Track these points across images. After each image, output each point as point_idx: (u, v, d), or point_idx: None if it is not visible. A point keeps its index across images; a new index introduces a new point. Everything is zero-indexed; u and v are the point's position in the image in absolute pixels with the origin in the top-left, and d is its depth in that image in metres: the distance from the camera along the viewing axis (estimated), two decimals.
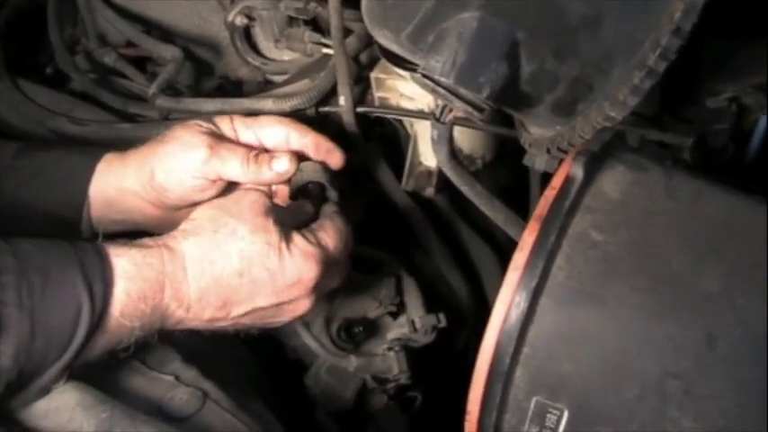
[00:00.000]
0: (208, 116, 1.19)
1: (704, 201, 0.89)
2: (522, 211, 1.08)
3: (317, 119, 1.34)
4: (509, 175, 1.45)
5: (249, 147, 1.15)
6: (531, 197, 1.34)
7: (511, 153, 1.42)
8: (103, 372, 0.90)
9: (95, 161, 1.13)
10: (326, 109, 1.34)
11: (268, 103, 1.30)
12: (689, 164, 1.22)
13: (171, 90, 1.40)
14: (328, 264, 1.05)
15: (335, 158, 1.19)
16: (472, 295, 1.40)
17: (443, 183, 1.35)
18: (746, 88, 1.21)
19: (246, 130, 1.17)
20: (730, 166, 1.21)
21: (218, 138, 1.13)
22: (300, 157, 1.17)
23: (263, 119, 1.18)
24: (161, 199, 1.13)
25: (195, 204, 1.11)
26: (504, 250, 1.42)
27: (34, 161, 1.13)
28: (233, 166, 1.12)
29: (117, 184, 1.13)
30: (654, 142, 1.27)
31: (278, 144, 1.18)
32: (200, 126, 1.14)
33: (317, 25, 1.39)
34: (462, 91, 0.83)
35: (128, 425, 0.85)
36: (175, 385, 0.97)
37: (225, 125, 1.16)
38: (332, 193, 1.16)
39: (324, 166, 1.17)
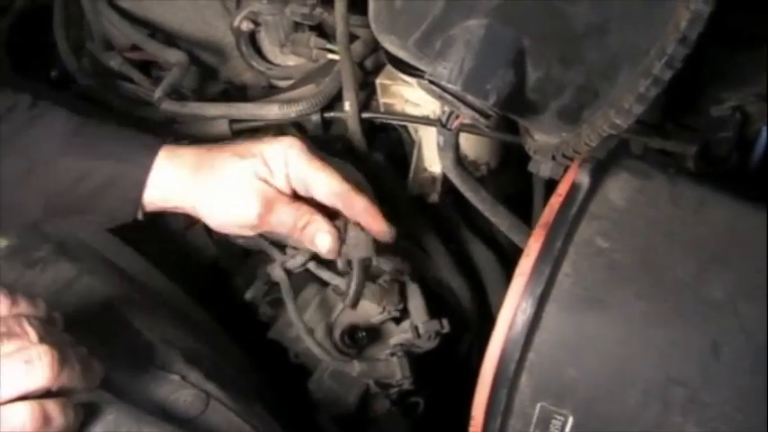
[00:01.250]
0: (259, 151, 1.12)
1: (708, 208, 0.89)
2: (525, 217, 1.08)
3: (321, 124, 1.34)
4: (512, 181, 1.46)
5: (297, 205, 1.12)
6: (535, 204, 1.34)
7: (514, 160, 1.43)
8: (110, 369, 0.90)
9: (151, 160, 1.11)
10: (331, 114, 1.34)
11: (273, 109, 1.31)
12: (692, 172, 1.23)
13: (176, 94, 1.40)
14: None
15: (384, 237, 1.16)
16: (475, 301, 1.40)
17: (448, 188, 1.35)
18: (750, 97, 1.22)
19: (298, 178, 1.12)
20: (734, 175, 1.22)
21: (271, 197, 1.10)
22: None
23: (319, 177, 1.11)
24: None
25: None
26: (507, 256, 1.42)
27: (89, 147, 1.11)
28: (279, 230, 1.13)
29: (167, 202, 1.12)
30: (656, 150, 1.27)
31: (328, 203, 1.14)
32: (253, 170, 1.10)
33: (322, 31, 1.39)
34: (469, 98, 0.84)
35: (133, 426, 0.86)
36: (181, 385, 0.97)
37: (277, 163, 1.11)
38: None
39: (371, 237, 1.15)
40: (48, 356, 0.80)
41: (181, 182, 1.10)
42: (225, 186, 1.09)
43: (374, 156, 1.38)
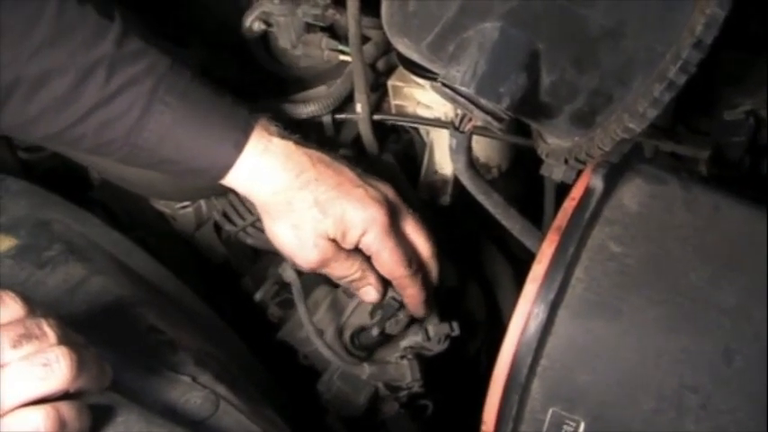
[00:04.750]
0: (342, 211, 1.11)
1: (722, 214, 0.89)
2: (535, 221, 1.08)
3: (333, 126, 1.34)
4: (522, 184, 1.45)
5: (351, 262, 1.15)
6: (546, 208, 1.34)
7: (524, 163, 1.42)
8: (120, 370, 0.90)
9: (239, 150, 1.11)
10: (343, 116, 1.34)
11: (284, 110, 1.31)
12: (705, 176, 1.22)
13: None
14: None
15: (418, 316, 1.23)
16: (485, 304, 1.40)
17: (458, 191, 1.35)
18: (763, 101, 1.21)
19: (367, 248, 1.13)
20: (747, 179, 1.21)
21: (330, 256, 1.13)
22: None
23: (383, 258, 1.13)
24: None
25: None
26: (517, 259, 1.42)
27: (179, 112, 1.09)
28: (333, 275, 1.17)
29: (238, 190, 1.15)
30: (668, 154, 1.27)
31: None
32: (326, 229, 1.11)
33: (334, 32, 1.39)
34: (482, 101, 0.83)
35: (144, 428, 0.85)
36: (192, 387, 0.96)
37: (354, 231, 1.11)
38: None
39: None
40: (67, 359, 0.78)
41: (259, 193, 1.12)
42: (294, 229, 1.12)
43: (385, 158, 1.38)
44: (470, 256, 1.43)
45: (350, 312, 1.24)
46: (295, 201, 1.10)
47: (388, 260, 1.13)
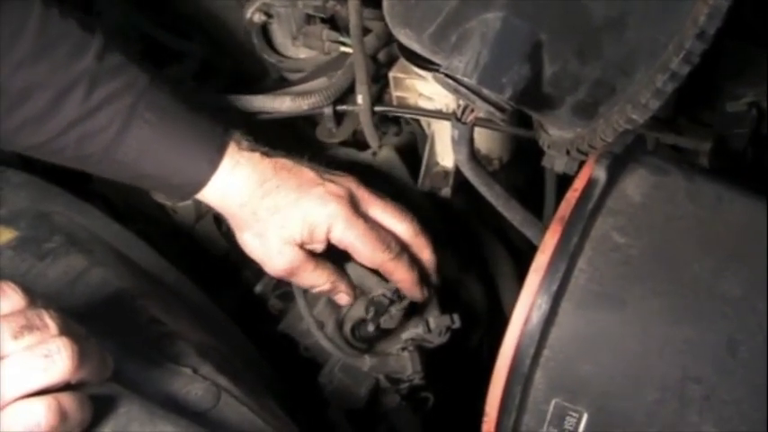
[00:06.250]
0: (302, 214, 1.14)
1: (726, 205, 0.88)
2: (536, 212, 1.08)
3: (334, 117, 1.34)
4: (524, 176, 1.45)
5: (319, 273, 1.17)
6: (547, 199, 1.34)
7: (526, 154, 1.42)
8: (122, 362, 0.90)
9: (214, 167, 1.13)
10: (344, 107, 1.34)
11: (285, 101, 1.31)
12: (707, 168, 1.22)
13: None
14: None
15: (417, 300, 1.22)
16: (486, 296, 1.40)
17: (459, 183, 1.35)
18: (766, 93, 1.21)
19: (339, 243, 1.15)
20: (750, 171, 1.21)
21: (296, 264, 1.15)
22: None
23: (357, 248, 1.15)
24: None
25: None
26: (518, 251, 1.42)
27: (156, 129, 1.11)
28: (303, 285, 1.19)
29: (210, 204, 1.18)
30: (670, 146, 1.27)
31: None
32: (291, 235, 1.13)
33: (334, 23, 1.39)
34: (485, 91, 0.83)
35: (146, 420, 0.85)
36: (193, 378, 0.96)
37: (319, 230, 1.13)
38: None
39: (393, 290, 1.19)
40: (68, 350, 0.77)
41: (228, 207, 1.15)
42: (259, 237, 1.15)
43: (386, 149, 1.37)
44: (471, 247, 1.42)
45: (350, 304, 1.23)
46: (259, 210, 1.13)
47: (362, 249, 1.14)
